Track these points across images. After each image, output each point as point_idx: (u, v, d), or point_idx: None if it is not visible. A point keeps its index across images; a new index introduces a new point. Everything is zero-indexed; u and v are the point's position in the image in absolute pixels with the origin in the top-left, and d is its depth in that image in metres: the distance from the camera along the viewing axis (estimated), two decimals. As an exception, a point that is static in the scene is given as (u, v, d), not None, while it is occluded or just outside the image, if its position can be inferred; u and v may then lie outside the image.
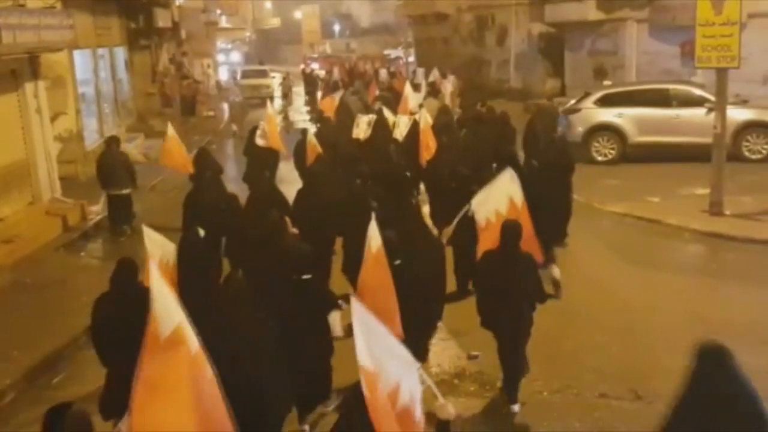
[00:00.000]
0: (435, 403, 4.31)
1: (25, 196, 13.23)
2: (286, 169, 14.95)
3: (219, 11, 48.38)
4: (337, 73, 35.41)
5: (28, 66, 13.07)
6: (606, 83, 21.55)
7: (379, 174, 10.36)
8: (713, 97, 13.28)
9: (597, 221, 13.01)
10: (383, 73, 33.69)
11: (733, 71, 12.26)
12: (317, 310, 6.31)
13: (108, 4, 21.31)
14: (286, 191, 10.37)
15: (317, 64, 51.89)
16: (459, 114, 19.32)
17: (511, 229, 6.64)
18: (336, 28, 78.91)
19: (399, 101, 18.86)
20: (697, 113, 16.22)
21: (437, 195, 11.21)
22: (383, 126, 14.59)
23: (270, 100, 20.59)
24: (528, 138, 14.18)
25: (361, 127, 14.51)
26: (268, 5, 73.74)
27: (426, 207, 11.21)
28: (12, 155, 12.78)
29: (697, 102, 16.47)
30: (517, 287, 6.57)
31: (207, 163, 11.75)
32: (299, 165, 13.46)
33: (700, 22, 12.24)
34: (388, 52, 56.59)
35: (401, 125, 14.71)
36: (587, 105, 17.69)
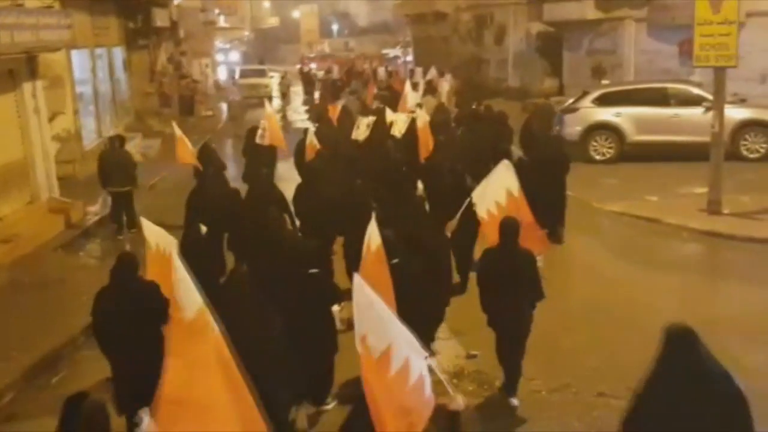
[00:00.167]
0: (446, 395, 4.37)
1: (24, 195, 13.22)
2: (285, 168, 14.94)
3: (217, 11, 48.31)
4: (337, 72, 35.40)
5: (25, 66, 13.05)
6: (604, 82, 21.61)
7: (378, 171, 10.37)
8: (711, 96, 13.29)
9: (595, 220, 13.03)
10: (381, 72, 33.69)
11: (731, 70, 12.28)
12: (323, 303, 6.44)
13: (106, 3, 21.26)
14: (284, 190, 10.37)
15: (315, 64, 51.76)
16: (455, 112, 19.34)
17: (509, 226, 6.69)
18: (334, 27, 78.84)
19: (397, 100, 18.91)
20: (696, 112, 16.24)
21: (435, 192, 11.21)
22: (382, 125, 14.59)
23: (268, 99, 20.58)
24: (525, 136, 14.28)
25: (361, 129, 14.50)
26: (266, 4, 73.59)
27: (425, 204, 11.20)
28: (10, 155, 12.77)
29: (696, 101, 16.48)
30: (517, 283, 6.61)
31: (210, 159, 11.76)
32: (299, 163, 13.47)
33: (698, 21, 12.26)
34: (386, 51, 56.53)
35: (399, 123, 14.74)
36: (585, 104, 17.69)
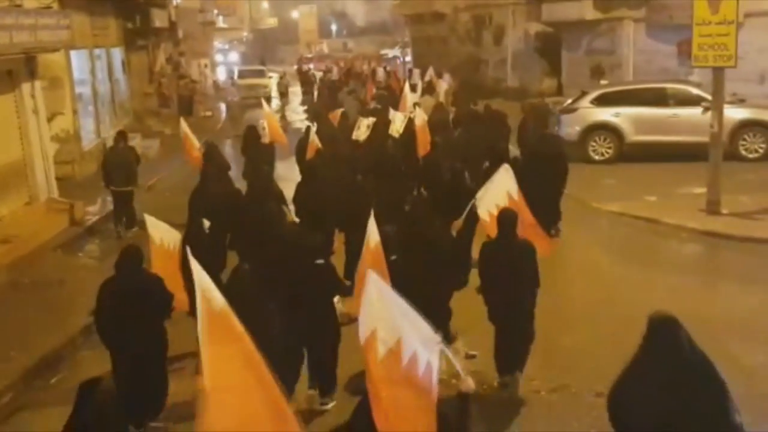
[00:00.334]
0: (458, 378, 4.44)
1: (22, 196, 13.22)
2: (285, 167, 14.94)
3: (216, 11, 48.44)
4: (336, 73, 35.40)
5: (24, 66, 13.05)
6: (603, 82, 21.59)
7: (377, 170, 10.40)
8: (710, 96, 13.29)
9: (594, 220, 13.04)
10: (380, 72, 33.69)
11: (730, 70, 12.27)
12: (328, 293, 6.61)
13: (105, 4, 21.25)
14: (284, 189, 10.37)
15: (312, 64, 51.79)
16: (453, 112, 19.37)
17: (507, 218, 6.83)
18: (333, 27, 78.86)
19: (395, 100, 18.99)
20: (694, 112, 16.21)
21: (433, 191, 11.22)
22: (383, 126, 14.62)
23: (267, 99, 20.59)
24: (521, 135, 14.42)
25: (362, 129, 14.51)
26: (265, 5, 73.69)
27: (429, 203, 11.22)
28: (9, 155, 12.78)
29: (694, 101, 16.47)
30: (516, 273, 6.68)
31: (213, 159, 11.78)
32: (300, 160, 13.47)
33: (697, 21, 12.27)
34: (385, 51, 56.55)
35: (397, 122, 14.79)
36: (584, 104, 17.69)
